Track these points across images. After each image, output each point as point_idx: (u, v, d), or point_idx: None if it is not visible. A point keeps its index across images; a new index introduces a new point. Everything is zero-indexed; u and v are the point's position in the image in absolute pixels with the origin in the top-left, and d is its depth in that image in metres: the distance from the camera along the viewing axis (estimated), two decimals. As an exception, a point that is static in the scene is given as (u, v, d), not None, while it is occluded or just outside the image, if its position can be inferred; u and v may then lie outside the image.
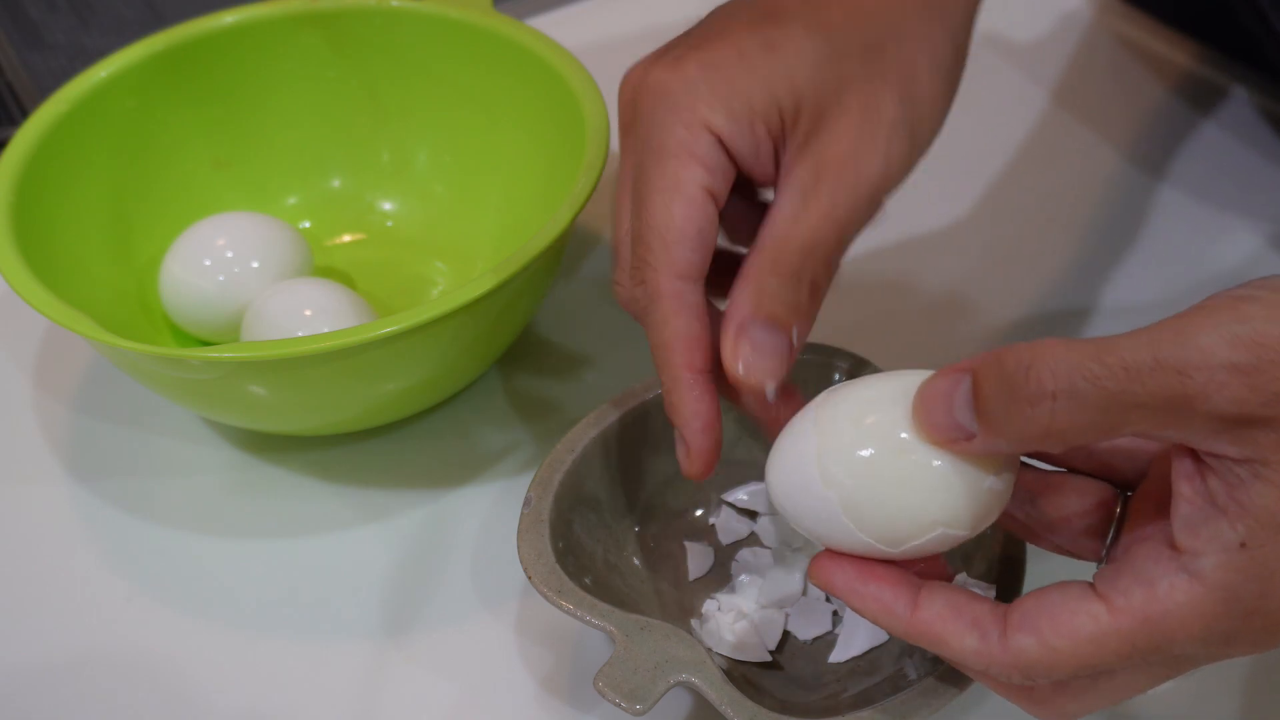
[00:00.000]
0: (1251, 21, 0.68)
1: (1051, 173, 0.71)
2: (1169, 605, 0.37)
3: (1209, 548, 0.36)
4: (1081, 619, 0.37)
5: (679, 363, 0.44)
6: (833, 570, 0.41)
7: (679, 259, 0.44)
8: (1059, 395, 0.35)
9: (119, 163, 0.62)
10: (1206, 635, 0.37)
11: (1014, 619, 0.38)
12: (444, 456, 0.58)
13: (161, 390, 0.56)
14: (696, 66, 0.45)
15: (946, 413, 0.38)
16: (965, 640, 0.39)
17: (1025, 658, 0.38)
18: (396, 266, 0.65)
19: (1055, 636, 0.38)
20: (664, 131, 0.45)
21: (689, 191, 0.44)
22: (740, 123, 0.44)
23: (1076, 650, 0.37)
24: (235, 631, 0.53)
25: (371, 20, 0.65)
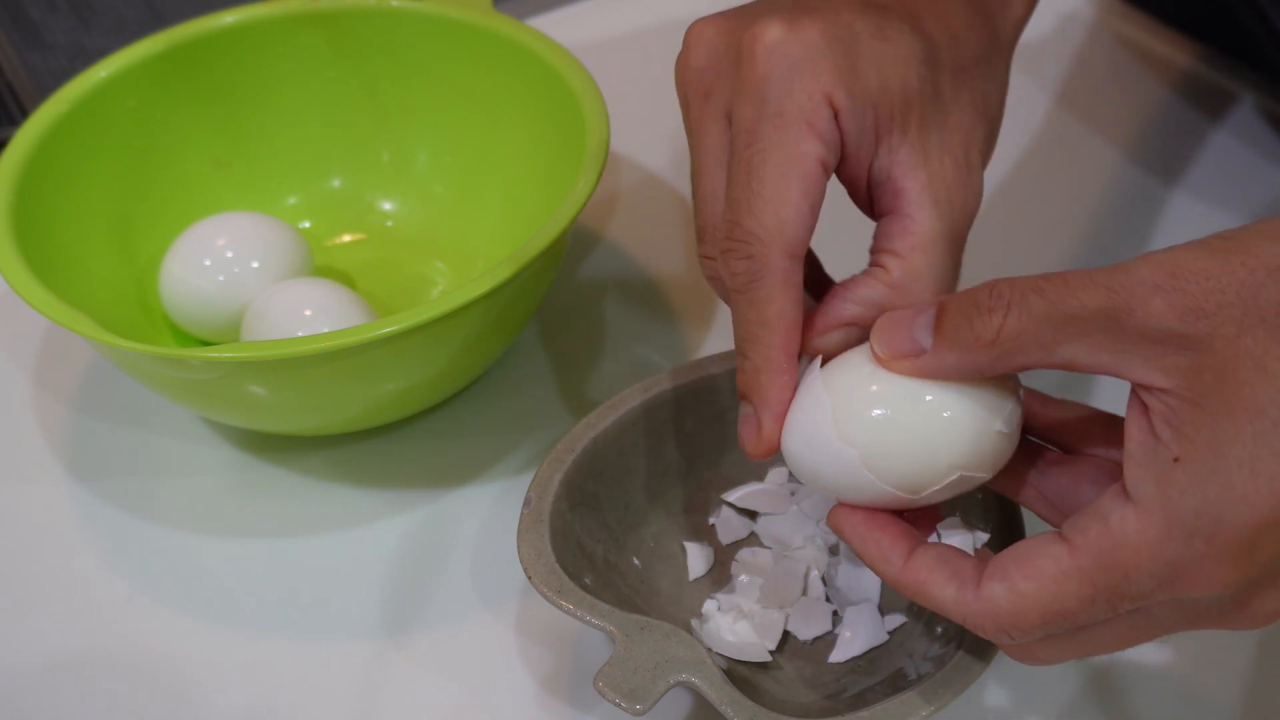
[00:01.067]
0: (1251, 21, 0.68)
1: (1051, 172, 0.71)
2: (1119, 536, 0.37)
3: (1148, 474, 0.37)
4: (1045, 561, 0.39)
5: (777, 344, 0.43)
6: (845, 516, 0.43)
7: (793, 236, 0.42)
8: (1012, 304, 0.38)
9: (119, 163, 0.62)
10: (1155, 565, 0.37)
11: (989, 569, 0.40)
12: (444, 456, 0.58)
13: (161, 390, 0.56)
14: (818, 34, 0.43)
15: (905, 331, 0.40)
16: (945, 590, 0.40)
17: (995, 604, 0.39)
18: (396, 266, 0.65)
19: (1021, 580, 0.39)
20: (783, 96, 0.42)
21: (807, 166, 0.42)
22: (859, 103, 0.43)
23: (1040, 592, 0.39)
24: (235, 631, 0.53)
25: (371, 20, 0.65)
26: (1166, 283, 0.36)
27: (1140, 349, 0.37)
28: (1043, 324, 0.38)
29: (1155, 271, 0.37)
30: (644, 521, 0.53)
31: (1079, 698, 0.49)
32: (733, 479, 0.54)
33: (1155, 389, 0.37)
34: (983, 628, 0.40)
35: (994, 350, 0.39)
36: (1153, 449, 0.37)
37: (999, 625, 0.39)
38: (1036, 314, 0.38)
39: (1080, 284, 0.37)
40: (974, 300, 0.39)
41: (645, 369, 0.61)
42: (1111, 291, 0.37)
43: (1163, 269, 0.37)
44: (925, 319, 0.40)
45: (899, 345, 0.41)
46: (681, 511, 0.54)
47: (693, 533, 0.53)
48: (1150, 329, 0.36)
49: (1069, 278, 0.38)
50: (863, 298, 0.43)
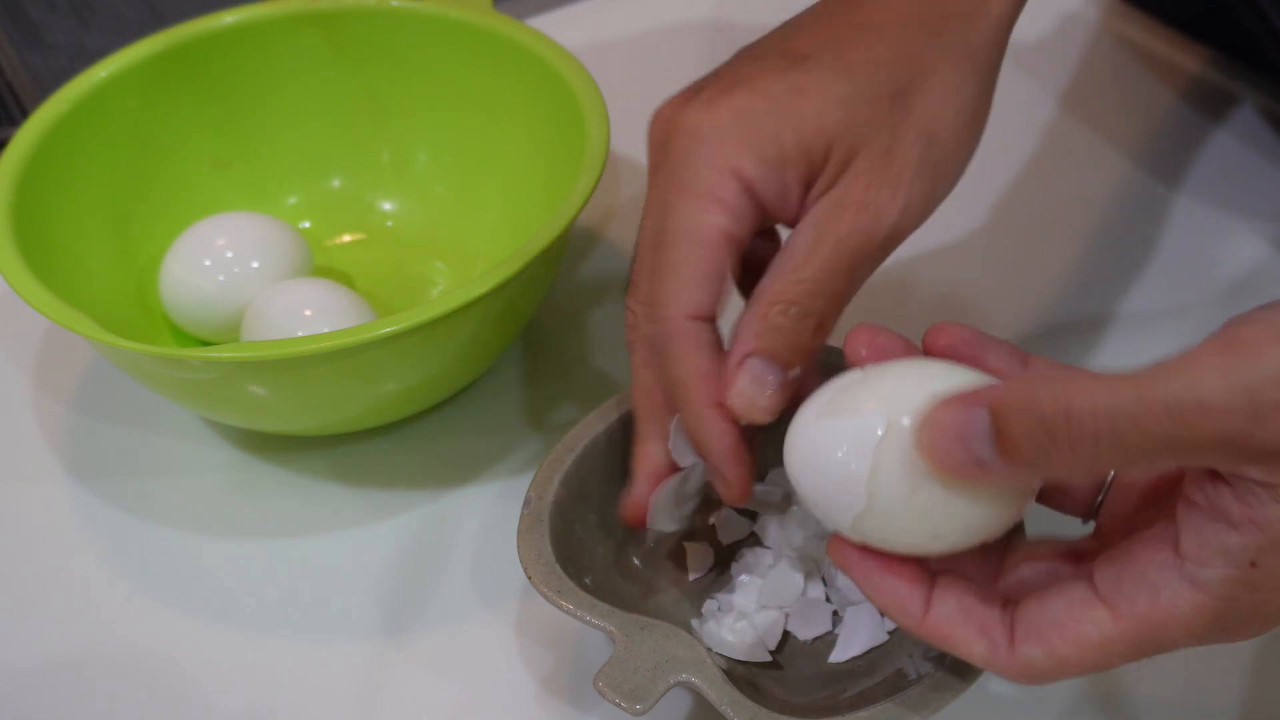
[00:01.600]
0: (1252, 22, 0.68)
1: (1053, 174, 0.71)
2: (1172, 612, 0.38)
3: (1216, 560, 0.37)
4: (1087, 627, 0.39)
5: (700, 400, 0.45)
6: (851, 555, 0.42)
7: (692, 301, 0.44)
8: (1100, 440, 0.34)
9: (119, 163, 0.62)
10: (1204, 636, 0.38)
11: (1020, 629, 0.40)
12: (444, 456, 0.58)
13: (161, 390, 0.56)
14: (728, 110, 0.45)
15: (963, 448, 0.37)
16: (974, 647, 0.40)
17: (1034, 668, 0.39)
18: (396, 266, 0.65)
19: (1062, 646, 0.39)
20: (691, 172, 0.45)
21: (709, 235, 0.44)
22: (770, 168, 0.44)
23: (1083, 658, 0.39)
24: (235, 631, 0.53)
25: (371, 20, 0.65)
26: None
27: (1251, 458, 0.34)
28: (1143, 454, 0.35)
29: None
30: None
31: (1079, 698, 0.49)
32: (733, 479, 0.54)
33: (1248, 479, 0.35)
34: (1015, 680, 0.40)
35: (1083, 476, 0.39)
36: (1224, 533, 0.36)
37: (1034, 681, 0.40)
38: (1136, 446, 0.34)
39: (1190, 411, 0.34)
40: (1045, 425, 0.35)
41: (645, 369, 0.61)
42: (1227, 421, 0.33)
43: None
44: (980, 429, 0.37)
45: (960, 466, 0.37)
46: (681, 511, 0.54)
47: (693, 533, 0.53)
48: (1270, 448, 0.34)
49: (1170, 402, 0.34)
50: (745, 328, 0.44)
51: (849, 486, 0.40)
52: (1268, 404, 0.33)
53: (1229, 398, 0.33)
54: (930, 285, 0.65)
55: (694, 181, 0.45)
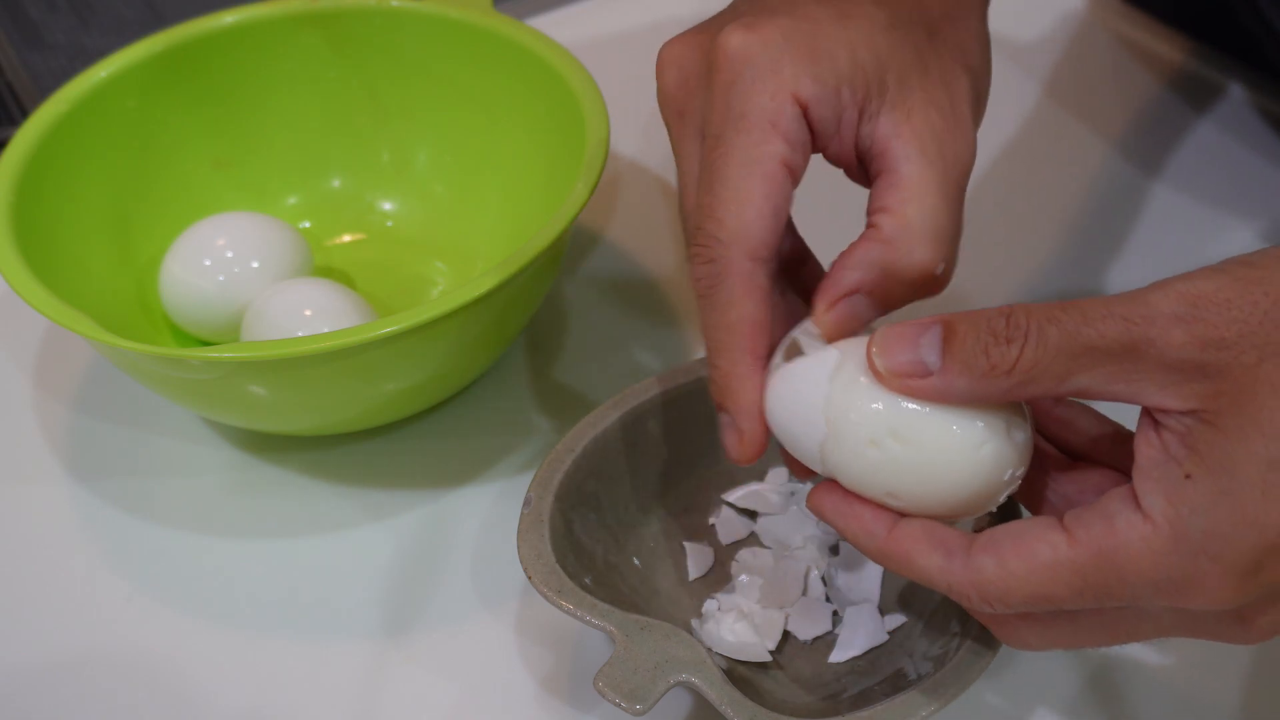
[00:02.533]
0: (1250, 20, 0.68)
1: (1048, 171, 0.71)
2: (1121, 539, 0.37)
3: (1159, 487, 0.37)
4: (1040, 545, 0.38)
5: (743, 347, 0.43)
6: (824, 496, 0.42)
7: (755, 237, 0.42)
8: (1029, 335, 0.37)
9: (119, 162, 0.62)
10: (1156, 575, 0.37)
11: (980, 541, 0.40)
12: (444, 456, 0.58)
13: (161, 390, 0.56)
14: (776, 31, 0.43)
15: (910, 350, 0.39)
16: (931, 558, 0.40)
17: (982, 577, 0.39)
18: (396, 266, 0.65)
19: (1014, 559, 0.39)
20: (745, 99, 0.42)
21: (769, 167, 0.42)
22: (827, 89, 0.42)
23: (1030, 575, 0.38)
24: (235, 631, 0.53)
25: (371, 20, 0.65)
26: (1187, 313, 0.36)
27: (1157, 377, 0.37)
28: (1059, 355, 0.37)
29: (1176, 302, 0.37)
30: (644, 521, 0.53)
31: (1079, 698, 0.49)
32: (733, 479, 0.54)
33: (1173, 411, 0.37)
34: (965, 595, 0.40)
35: (1009, 380, 0.38)
36: (1164, 464, 0.37)
37: (982, 595, 0.39)
38: (1053, 345, 0.37)
39: (1098, 315, 0.37)
40: (990, 327, 0.38)
41: (645, 369, 0.61)
42: (1130, 323, 0.37)
43: (1183, 300, 0.37)
44: (931, 337, 0.39)
45: (903, 363, 0.39)
46: (681, 511, 0.54)
47: (693, 533, 0.53)
48: (1169, 359, 0.36)
49: (1085, 308, 0.37)
50: (860, 260, 0.43)
51: (810, 416, 0.41)
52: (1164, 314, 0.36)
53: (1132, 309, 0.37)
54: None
55: (749, 110, 0.42)
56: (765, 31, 0.43)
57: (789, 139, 0.43)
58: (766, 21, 0.43)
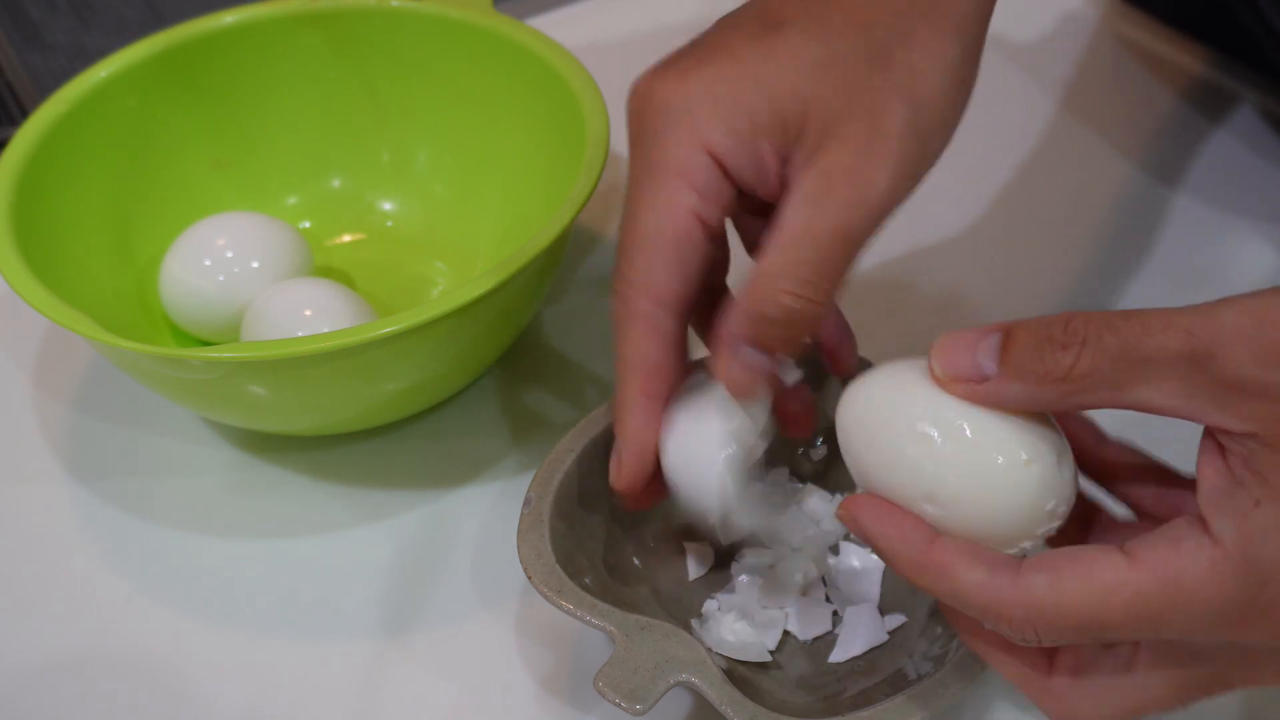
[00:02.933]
0: (1252, 22, 0.68)
1: (1052, 173, 0.71)
2: (1187, 563, 0.36)
3: (1227, 513, 0.36)
4: (1100, 566, 0.37)
5: (636, 386, 0.45)
6: (860, 502, 0.41)
7: (659, 284, 0.44)
8: (1087, 341, 0.37)
9: (119, 163, 0.62)
10: (1222, 603, 0.36)
11: (1030, 560, 0.38)
12: (444, 456, 0.58)
13: (161, 390, 0.56)
14: (698, 83, 0.44)
15: (968, 355, 0.39)
16: (973, 573, 0.38)
17: (1031, 597, 0.37)
18: (396, 266, 0.65)
19: (1068, 577, 0.37)
20: (660, 149, 0.44)
21: (678, 216, 0.44)
22: (741, 140, 0.43)
23: (1086, 597, 0.37)
24: (235, 631, 0.53)
25: (371, 20, 0.65)
26: (1252, 329, 0.35)
27: (1220, 395, 0.36)
28: (1117, 364, 0.37)
29: (1241, 317, 0.36)
30: (644, 521, 0.53)
31: (1079, 698, 0.49)
32: (733, 479, 0.54)
33: (1235, 434, 0.36)
34: (1009, 618, 0.37)
35: (1064, 386, 0.37)
36: (1231, 491, 0.36)
37: (1028, 617, 0.37)
38: (1111, 353, 0.37)
39: (1159, 326, 0.36)
40: (1047, 332, 0.38)
41: (645, 369, 0.61)
42: (1192, 336, 0.36)
43: (1249, 315, 0.36)
44: (990, 343, 0.38)
45: (960, 366, 0.39)
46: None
47: (692, 533, 0.53)
48: (1231, 376, 0.35)
49: (1147, 317, 0.36)
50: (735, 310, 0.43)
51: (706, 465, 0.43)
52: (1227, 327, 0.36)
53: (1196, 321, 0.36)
54: (928, 285, 0.65)
55: (663, 159, 0.44)
56: (689, 84, 0.44)
57: (700, 190, 0.43)
58: (695, 71, 0.44)
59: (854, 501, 0.41)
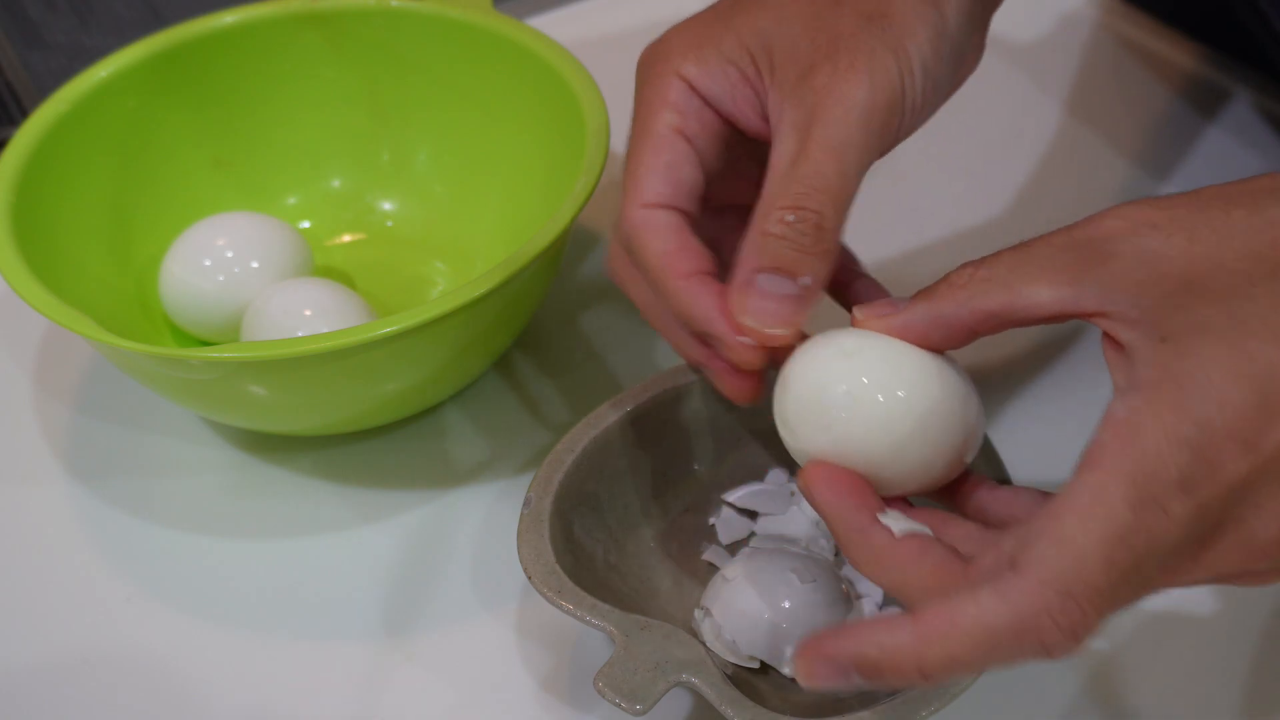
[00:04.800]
0: (1252, 22, 0.68)
1: (1051, 173, 0.71)
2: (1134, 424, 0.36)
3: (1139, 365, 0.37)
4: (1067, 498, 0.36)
5: (673, 274, 0.45)
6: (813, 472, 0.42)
7: (649, 189, 0.46)
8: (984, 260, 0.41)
9: (119, 162, 0.62)
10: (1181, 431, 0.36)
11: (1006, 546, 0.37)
12: (444, 456, 0.58)
13: (161, 390, 0.56)
14: (679, 33, 0.47)
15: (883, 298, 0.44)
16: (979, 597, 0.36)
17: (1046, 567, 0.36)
18: (396, 266, 0.65)
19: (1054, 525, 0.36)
20: (647, 87, 0.47)
21: (658, 131, 0.46)
22: (708, 67, 0.46)
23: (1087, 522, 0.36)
24: (235, 631, 0.53)
25: (371, 20, 0.65)
26: (1121, 211, 0.39)
27: (1097, 272, 0.38)
28: (1008, 268, 0.40)
29: (1114, 210, 0.39)
30: (644, 521, 0.53)
31: (1079, 698, 0.49)
32: (733, 479, 0.54)
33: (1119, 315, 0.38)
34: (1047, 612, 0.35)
35: (962, 293, 0.40)
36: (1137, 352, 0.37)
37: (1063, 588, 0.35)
38: (1004, 261, 0.40)
39: (1045, 235, 0.40)
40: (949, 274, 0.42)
41: (645, 369, 0.61)
42: (1071, 230, 0.39)
43: (1120, 207, 0.39)
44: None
45: (875, 307, 0.43)
46: (681, 511, 0.54)
47: (693, 533, 0.53)
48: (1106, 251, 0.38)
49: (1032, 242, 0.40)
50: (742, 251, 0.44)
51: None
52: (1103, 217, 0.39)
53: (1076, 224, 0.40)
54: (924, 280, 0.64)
55: (649, 95, 0.47)
56: (672, 36, 0.48)
57: (677, 109, 0.46)
58: (679, 28, 0.48)
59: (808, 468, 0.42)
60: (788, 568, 0.48)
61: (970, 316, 0.41)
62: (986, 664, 0.37)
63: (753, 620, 0.47)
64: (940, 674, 0.37)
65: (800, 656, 0.39)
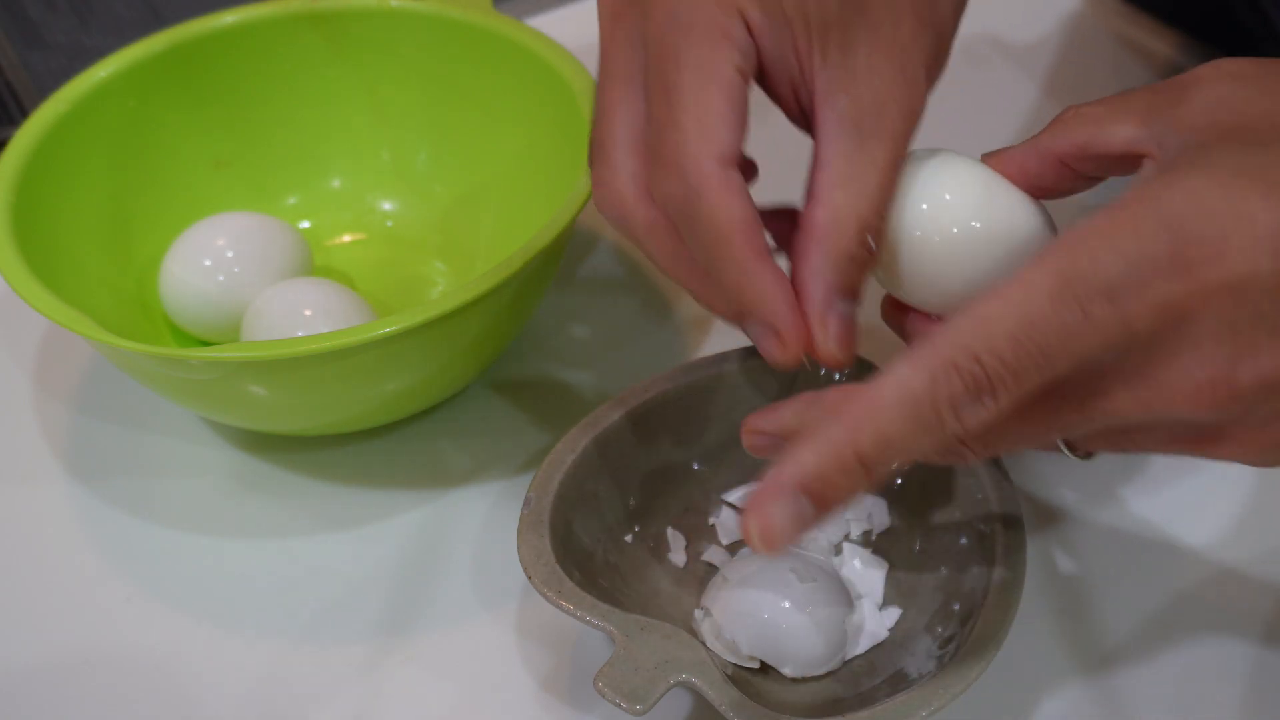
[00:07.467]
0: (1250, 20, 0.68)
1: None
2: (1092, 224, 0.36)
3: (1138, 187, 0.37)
4: (1005, 285, 0.36)
5: (746, 250, 0.41)
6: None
7: (723, 142, 0.41)
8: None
9: (119, 162, 0.62)
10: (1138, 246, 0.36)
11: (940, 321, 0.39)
12: (444, 456, 0.58)
13: (161, 390, 0.56)
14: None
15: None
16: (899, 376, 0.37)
17: (955, 329, 0.36)
18: (396, 266, 0.65)
19: (981, 304, 0.36)
20: (693, 7, 0.42)
21: (725, 73, 0.41)
22: (774, 22, 0.42)
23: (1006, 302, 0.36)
24: (235, 631, 0.53)
25: (371, 20, 0.65)
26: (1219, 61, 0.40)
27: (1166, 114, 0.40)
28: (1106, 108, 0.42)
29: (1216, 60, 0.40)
30: (644, 522, 0.53)
31: (1079, 697, 0.49)
32: (733, 479, 0.54)
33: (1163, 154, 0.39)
34: (954, 362, 0.36)
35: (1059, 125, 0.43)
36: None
37: (968, 349, 0.36)
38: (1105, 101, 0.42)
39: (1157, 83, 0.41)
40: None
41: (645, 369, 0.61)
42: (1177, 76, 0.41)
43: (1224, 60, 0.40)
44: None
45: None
46: (681, 512, 0.54)
47: (693, 533, 0.53)
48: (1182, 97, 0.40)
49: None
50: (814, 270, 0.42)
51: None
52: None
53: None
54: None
55: (696, 18, 0.42)
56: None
57: (740, 48, 0.42)
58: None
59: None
60: (787, 568, 0.48)
61: (1059, 147, 0.42)
62: (916, 436, 0.36)
63: (753, 620, 0.47)
64: (878, 455, 0.36)
65: (746, 517, 0.37)
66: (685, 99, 0.41)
